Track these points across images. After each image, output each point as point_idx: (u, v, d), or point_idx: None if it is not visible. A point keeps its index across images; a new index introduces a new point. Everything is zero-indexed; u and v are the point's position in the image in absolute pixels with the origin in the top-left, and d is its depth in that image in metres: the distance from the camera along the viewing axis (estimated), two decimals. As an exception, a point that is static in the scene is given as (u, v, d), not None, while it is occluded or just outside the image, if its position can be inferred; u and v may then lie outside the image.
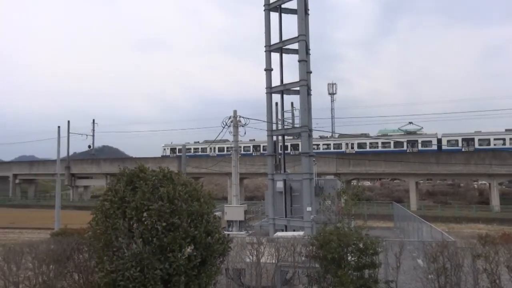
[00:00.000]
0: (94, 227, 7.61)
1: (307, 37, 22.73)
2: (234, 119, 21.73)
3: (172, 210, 7.06)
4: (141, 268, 6.70)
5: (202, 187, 8.28)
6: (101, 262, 7.10)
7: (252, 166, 52.76)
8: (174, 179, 7.74)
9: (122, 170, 7.94)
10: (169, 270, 6.82)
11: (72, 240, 11.36)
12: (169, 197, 7.21)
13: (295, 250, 11.18)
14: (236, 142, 22.29)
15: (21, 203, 70.01)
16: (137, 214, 7.09)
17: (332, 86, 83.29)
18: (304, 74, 21.59)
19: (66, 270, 11.12)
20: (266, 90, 22.86)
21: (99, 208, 7.67)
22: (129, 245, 6.87)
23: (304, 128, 21.27)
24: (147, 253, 6.71)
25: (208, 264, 7.47)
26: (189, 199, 7.44)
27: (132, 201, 7.15)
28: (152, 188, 7.28)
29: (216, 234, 7.69)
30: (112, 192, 7.52)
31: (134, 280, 6.65)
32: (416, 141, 53.45)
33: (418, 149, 52.39)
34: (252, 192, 69.76)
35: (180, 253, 6.96)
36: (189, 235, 7.09)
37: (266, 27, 23.03)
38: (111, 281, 6.76)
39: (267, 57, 22.88)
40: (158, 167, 8.06)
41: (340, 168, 51.51)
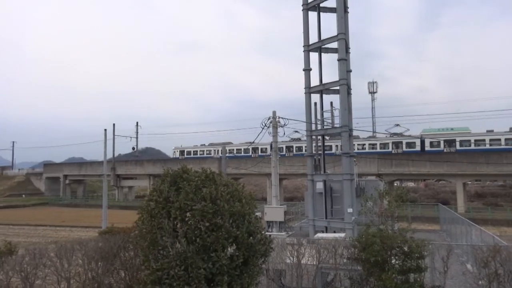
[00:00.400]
0: (140, 226, 7.88)
1: (347, 35, 22.36)
2: (273, 120, 21.72)
3: (215, 210, 7.18)
4: (185, 267, 6.87)
5: (243, 188, 8.37)
6: (147, 260, 7.34)
7: (291, 167, 52.55)
8: (216, 180, 7.87)
9: (166, 171, 8.17)
10: (212, 270, 6.94)
11: (118, 239, 11.80)
12: (212, 198, 7.33)
13: (336, 252, 11.03)
14: (276, 142, 22.26)
15: (71, 202, 73.57)
16: (181, 214, 7.27)
17: (373, 84, 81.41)
18: (344, 73, 21.25)
19: (113, 267, 11.58)
20: (305, 90, 22.71)
21: (144, 208, 7.93)
22: (174, 244, 7.05)
23: (345, 128, 20.92)
24: (191, 252, 6.86)
25: (250, 265, 7.53)
26: (231, 199, 7.54)
27: (176, 201, 7.34)
28: (195, 188, 7.44)
29: (258, 234, 7.74)
30: (157, 193, 7.76)
31: (178, 279, 6.82)
32: (400, 142, 54.77)
33: (402, 150, 54.14)
34: (292, 193, 69.49)
35: (223, 253, 7.07)
36: (231, 235, 7.19)
37: (304, 26, 22.87)
38: (157, 279, 6.97)
39: (305, 57, 22.72)
40: (201, 168, 8.23)
41: (382, 169, 50.21)
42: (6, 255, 12.79)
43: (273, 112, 22.03)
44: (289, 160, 55.77)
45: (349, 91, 22.18)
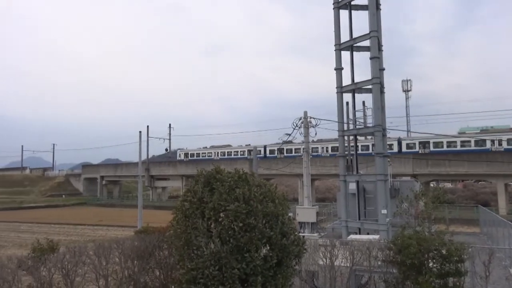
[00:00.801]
0: (175, 226, 8.02)
1: (379, 33, 21.90)
2: (304, 120, 21.57)
3: (248, 211, 7.21)
4: (220, 267, 6.93)
5: (276, 189, 8.36)
6: (182, 260, 7.47)
7: (323, 167, 52.02)
8: (249, 180, 7.90)
9: (200, 172, 8.27)
10: (246, 270, 6.97)
11: (153, 238, 12.06)
12: (245, 198, 7.37)
13: (370, 254, 10.82)
14: (307, 143, 22.11)
15: (107, 202, 75.94)
16: (214, 214, 7.35)
17: (407, 82, 79.24)
18: (377, 71, 20.82)
19: (148, 266, 11.86)
20: (336, 89, 22.42)
21: (179, 208, 8.06)
22: (208, 244, 7.13)
23: (378, 128, 20.49)
24: (225, 253, 6.92)
25: (284, 265, 7.52)
26: (264, 200, 7.55)
27: (209, 202, 7.43)
28: (229, 189, 7.50)
29: (291, 235, 7.71)
30: (191, 193, 7.88)
31: (213, 278, 6.89)
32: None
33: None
34: (323, 194, 68.78)
35: (256, 253, 7.08)
36: (265, 236, 7.19)
37: (335, 25, 22.59)
38: (192, 279, 7.07)
39: (337, 56, 22.43)
40: (234, 169, 8.29)
41: (417, 169, 48.81)
42: (48, 252, 13.40)
43: (304, 113, 21.89)
44: (320, 160, 55.27)
45: (382, 89, 21.70)
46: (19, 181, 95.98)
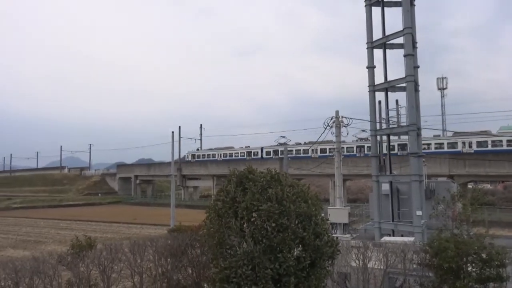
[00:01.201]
0: (208, 225, 8.11)
1: (414, 29, 21.30)
2: (336, 119, 21.27)
3: (281, 211, 7.19)
4: (253, 266, 6.95)
5: (309, 189, 8.29)
6: (215, 259, 7.54)
7: (355, 167, 51.19)
8: (281, 180, 7.88)
9: (232, 172, 8.33)
10: (279, 270, 6.96)
11: (186, 237, 12.26)
12: (278, 198, 7.36)
13: (405, 257, 10.55)
14: (339, 143, 21.80)
15: (141, 201, 77.79)
16: (247, 214, 7.37)
17: (442, 80, 76.61)
18: (411, 69, 20.27)
19: (181, 264, 12.06)
20: (368, 88, 21.99)
21: (212, 207, 8.15)
22: (241, 243, 7.17)
23: (412, 127, 19.94)
24: (257, 252, 6.93)
25: (317, 267, 7.45)
26: (297, 200, 7.51)
27: (242, 202, 7.46)
28: (261, 189, 7.51)
29: (324, 236, 7.63)
30: (224, 193, 7.94)
31: (246, 278, 6.92)
32: (363, 146, 60.26)
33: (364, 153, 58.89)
34: (355, 194, 67.70)
35: (289, 254, 7.06)
36: (297, 236, 7.16)
37: (367, 23, 22.17)
38: (225, 278, 7.12)
39: (369, 54, 22.00)
40: (266, 169, 8.29)
41: (453, 170, 47.14)
42: (86, 249, 13.89)
43: (336, 112, 21.59)
44: (352, 160, 54.45)
45: (417, 87, 21.10)
46: (59, 180, 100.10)
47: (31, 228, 41.20)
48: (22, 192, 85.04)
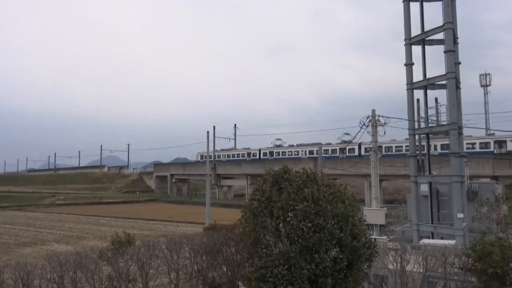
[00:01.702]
0: (244, 224, 8.14)
1: (454, 24, 20.48)
2: (372, 118, 20.82)
3: (317, 211, 7.11)
4: (289, 266, 6.91)
5: (346, 189, 8.15)
6: (251, 258, 7.56)
7: (392, 168, 49.89)
8: (317, 180, 7.80)
9: (268, 171, 8.32)
10: (316, 271, 6.88)
11: (221, 235, 12.39)
12: (314, 198, 7.28)
13: (446, 260, 10.17)
14: (375, 142, 21.32)
15: (176, 199, 79.38)
16: (283, 214, 7.34)
17: (485, 76, 73.22)
18: (452, 65, 19.50)
19: (216, 262, 12.20)
20: (406, 86, 21.35)
21: (247, 206, 8.17)
22: (277, 243, 7.15)
23: (453, 126, 19.18)
24: (293, 252, 6.89)
25: (354, 268, 7.31)
26: (334, 200, 7.40)
27: (278, 201, 7.44)
28: (297, 188, 7.46)
29: (362, 237, 7.47)
30: (259, 192, 7.95)
31: (282, 278, 6.89)
32: (344, 149, 65.48)
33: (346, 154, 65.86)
34: (392, 195, 66.07)
35: (326, 254, 6.96)
36: (334, 237, 7.05)
37: (405, 18, 21.53)
38: (261, 277, 7.13)
39: (407, 51, 21.36)
40: (302, 168, 8.23)
41: (497, 170, 44.95)
42: (126, 245, 14.33)
43: (372, 111, 21.14)
44: (389, 160, 53.12)
45: (458, 85, 20.28)
46: (99, 178, 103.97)
47: (74, 224, 42.99)
48: (65, 190, 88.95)
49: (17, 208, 65.05)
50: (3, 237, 32.70)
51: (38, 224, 42.39)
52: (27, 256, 22.61)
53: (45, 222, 45.11)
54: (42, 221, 45.63)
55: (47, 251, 24.34)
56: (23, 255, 23.48)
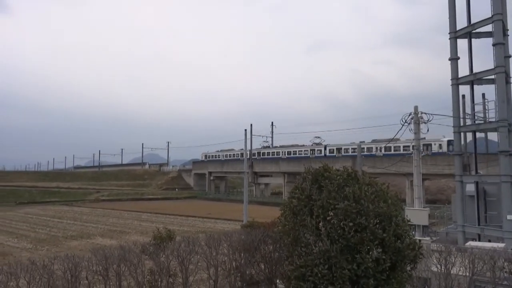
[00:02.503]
0: (283, 223, 8.09)
1: (504, 15, 19.39)
2: (415, 115, 20.10)
3: (359, 210, 6.94)
4: (329, 266, 6.80)
5: (389, 188, 7.91)
6: (291, 256, 7.50)
7: (435, 166, 48.10)
8: (359, 179, 7.62)
9: (307, 169, 8.22)
10: (357, 271, 6.73)
11: (259, 233, 12.42)
12: (355, 197, 7.11)
13: (495, 264, 9.66)
14: (418, 140, 20.59)
15: (214, 197, 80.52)
16: (323, 213, 7.22)
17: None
18: (501, 59, 18.48)
19: (254, 259, 12.25)
20: (451, 81, 20.47)
21: (287, 205, 8.11)
22: (317, 242, 7.05)
23: (503, 123, 18.19)
24: (334, 252, 6.77)
25: (398, 270, 7.08)
26: (376, 199, 7.20)
27: (318, 200, 7.33)
28: (337, 187, 7.32)
29: (406, 238, 7.22)
30: (299, 190, 7.87)
31: (322, 277, 6.80)
32: (314, 150, 73.50)
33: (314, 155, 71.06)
34: (435, 195, 63.68)
35: (368, 255, 6.79)
36: (377, 237, 6.85)
37: (450, 11, 20.63)
38: (301, 275, 7.06)
39: (452, 45, 20.46)
40: (342, 167, 8.07)
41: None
42: (166, 240, 14.70)
43: (414, 108, 20.42)
44: (431, 159, 51.27)
45: (508, 79, 19.19)
46: (140, 175, 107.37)
47: (117, 219, 44.59)
48: (109, 186, 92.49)
49: (65, 203, 68.36)
50: (53, 230, 34.47)
51: (84, 219, 44.34)
52: (74, 248, 23.70)
53: (90, 216, 47.12)
54: (88, 216, 47.69)
55: (92, 244, 25.41)
56: (71, 247, 24.64)
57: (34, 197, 73.86)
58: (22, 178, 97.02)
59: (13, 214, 49.66)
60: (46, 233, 32.59)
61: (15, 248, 25.04)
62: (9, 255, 22.59)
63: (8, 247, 25.49)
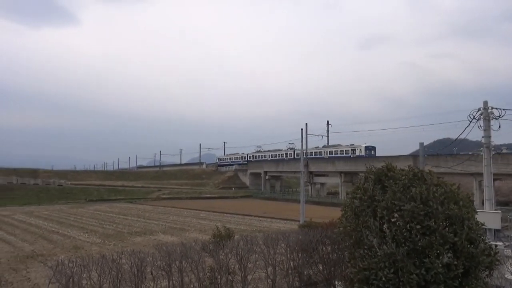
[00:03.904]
0: (344, 223, 7.86)
1: None
2: (484, 111, 18.69)
3: (426, 212, 6.55)
4: (395, 270, 6.48)
5: (459, 189, 7.39)
6: (353, 258, 7.26)
7: (507, 166, 44.61)
8: (426, 179, 7.19)
9: (369, 169, 7.92)
10: (426, 277, 6.34)
11: (317, 233, 12.23)
12: (422, 198, 6.72)
13: None
14: (489, 137, 19.13)
15: (270, 196, 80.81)
16: (388, 214, 6.91)
17: None
18: None
19: (312, 259, 12.07)
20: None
21: (348, 205, 7.87)
22: (381, 244, 6.76)
23: None
24: (400, 255, 6.45)
25: (471, 277, 6.58)
26: (445, 201, 6.75)
27: (382, 200, 7.02)
28: (403, 187, 6.96)
29: (480, 243, 6.69)
30: (361, 190, 7.60)
31: (388, 281, 6.49)
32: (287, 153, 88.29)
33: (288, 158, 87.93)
34: (507, 197, 59.16)
35: (438, 260, 6.37)
36: (447, 241, 6.42)
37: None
38: (364, 279, 6.81)
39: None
40: (407, 166, 7.67)
41: None
42: (225, 238, 14.93)
43: (484, 103, 19.00)
44: (503, 157, 47.59)
45: None
46: (198, 174, 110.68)
47: (177, 216, 46.22)
48: (169, 185, 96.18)
49: (129, 201, 72.13)
50: (119, 226, 36.48)
51: (147, 216, 46.45)
52: (138, 244, 24.87)
53: (152, 214, 49.26)
54: (150, 213, 49.90)
55: (154, 240, 26.51)
56: (135, 243, 25.89)
57: (102, 195, 78.76)
58: (91, 177, 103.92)
59: (84, 211, 53.29)
60: (113, 229, 34.58)
61: (85, 243, 26.83)
62: (81, 248, 24.25)
63: (80, 241, 27.37)
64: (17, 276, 17.09)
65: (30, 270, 18.23)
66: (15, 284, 15.61)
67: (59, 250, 23.89)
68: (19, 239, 28.98)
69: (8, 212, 52.20)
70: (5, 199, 70.26)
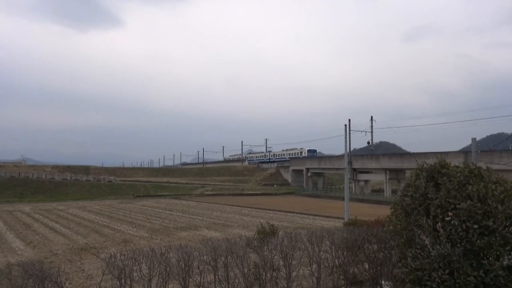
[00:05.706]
0: (394, 222, 7.61)
1: None
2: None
3: (485, 211, 6.18)
4: (450, 271, 6.18)
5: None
6: (404, 258, 7.01)
7: None
8: (484, 176, 6.79)
9: (421, 166, 7.60)
10: (485, 279, 6.00)
11: (362, 231, 11.97)
12: (480, 196, 6.35)
13: None
14: (549, 132, 17.81)
15: (312, 193, 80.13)
16: (441, 213, 6.59)
17: None
18: None
19: (357, 258, 11.84)
20: None
21: (398, 203, 7.60)
22: (434, 244, 6.47)
23: None
24: (456, 256, 6.14)
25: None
26: (506, 200, 6.34)
27: (435, 199, 6.71)
28: (458, 185, 6.61)
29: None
30: (412, 188, 7.31)
31: (442, 283, 6.21)
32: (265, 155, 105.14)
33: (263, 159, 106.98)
34: None
35: (498, 261, 6.01)
36: (509, 242, 6.03)
37: None
38: (417, 279, 6.55)
39: None
40: (462, 163, 7.29)
41: None
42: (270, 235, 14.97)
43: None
44: None
45: None
46: (240, 171, 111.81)
47: (220, 212, 46.91)
48: (212, 181, 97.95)
49: (174, 197, 74.15)
50: (165, 221, 37.60)
51: (191, 211, 47.53)
52: (184, 239, 25.50)
53: (196, 209, 50.33)
54: (194, 209, 51.01)
55: (199, 236, 27.07)
56: (181, 238, 26.57)
57: (149, 191, 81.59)
58: (138, 174, 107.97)
59: (132, 206, 55.42)
60: (159, 223, 35.69)
61: (134, 237, 27.87)
62: (130, 242, 25.23)
63: (129, 236, 28.49)
64: (73, 267, 18.07)
65: (84, 262, 19.22)
66: (71, 274, 16.52)
67: (110, 243, 25.00)
68: (74, 232, 30.63)
69: (64, 206, 55.38)
70: (61, 194, 74.75)
